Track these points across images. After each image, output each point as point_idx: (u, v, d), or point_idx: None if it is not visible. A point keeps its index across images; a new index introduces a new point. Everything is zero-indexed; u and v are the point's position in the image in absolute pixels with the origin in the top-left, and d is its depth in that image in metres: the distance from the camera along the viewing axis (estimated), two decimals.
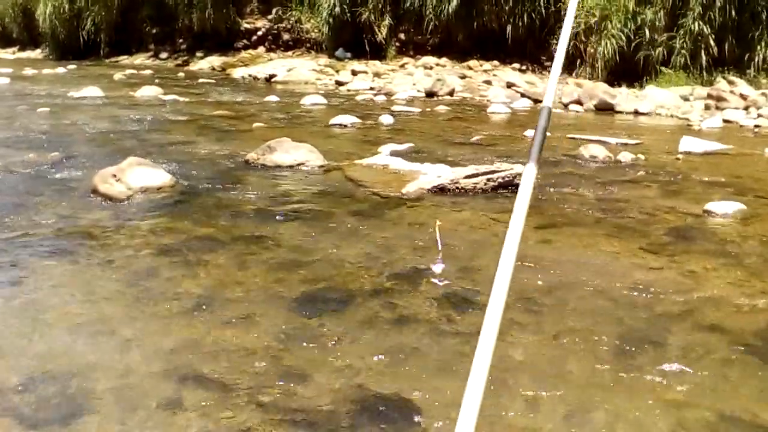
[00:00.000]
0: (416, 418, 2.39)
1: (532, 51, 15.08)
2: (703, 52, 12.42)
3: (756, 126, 9.63)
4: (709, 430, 2.35)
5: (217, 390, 2.54)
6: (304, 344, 2.91)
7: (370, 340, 2.97)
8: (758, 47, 12.36)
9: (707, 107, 10.78)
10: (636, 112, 10.93)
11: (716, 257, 4.04)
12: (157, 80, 14.63)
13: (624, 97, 11.50)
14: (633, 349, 2.90)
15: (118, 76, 15.77)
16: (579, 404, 2.49)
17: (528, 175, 1.36)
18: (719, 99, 10.81)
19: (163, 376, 2.64)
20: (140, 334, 2.99)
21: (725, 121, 9.92)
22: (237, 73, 17.61)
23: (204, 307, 3.24)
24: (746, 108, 10.50)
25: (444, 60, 16.24)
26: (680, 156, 7.28)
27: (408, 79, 14.86)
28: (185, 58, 20.45)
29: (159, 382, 2.59)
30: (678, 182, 6.03)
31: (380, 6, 16.76)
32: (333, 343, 2.93)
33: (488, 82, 14.29)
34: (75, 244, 4.07)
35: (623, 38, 12.97)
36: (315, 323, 3.12)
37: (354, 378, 2.65)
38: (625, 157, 6.97)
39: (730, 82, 11.54)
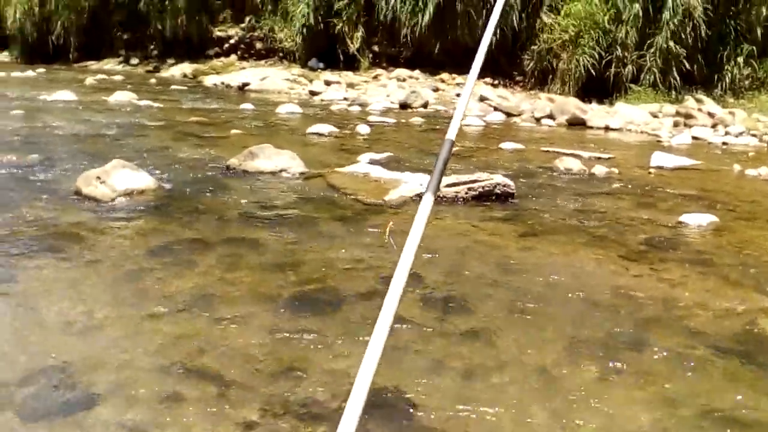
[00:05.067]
0: (412, 411, 2.46)
1: (504, 66, 15.27)
2: (674, 70, 12.71)
3: (724, 143, 9.89)
4: (691, 427, 2.45)
5: (215, 386, 2.58)
6: (299, 343, 2.96)
7: (363, 339, 3.02)
8: (726, 67, 12.70)
9: (676, 124, 11.03)
10: (607, 128, 11.14)
11: (692, 266, 4.17)
12: (129, 86, 14.51)
13: (595, 113, 11.72)
14: (617, 350, 3.00)
15: (89, 80, 15.63)
16: (567, 407, 2.57)
17: (425, 204, 1.39)
18: (688, 116, 11.08)
19: (160, 371, 2.67)
20: (134, 332, 3.01)
21: (694, 138, 10.16)
22: (209, 80, 17.52)
23: (196, 307, 3.28)
24: (714, 126, 10.77)
25: (417, 72, 16.38)
26: (652, 170, 7.46)
27: (381, 90, 14.97)
28: (156, 64, 20.33)
29: (157, 378, 2.62)
30: (651, 195, 6.18)
31: (354, 17, 16.89)
32: (327, 342, 2.99)
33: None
34: (64, 244, 4.05)
35: (595, 55, 13.21)
36: (307, 323, 3.16)
37: (350, 376, 2.70)
38: (599, 170, 7.12)
39: (698, 101, 11.83)
